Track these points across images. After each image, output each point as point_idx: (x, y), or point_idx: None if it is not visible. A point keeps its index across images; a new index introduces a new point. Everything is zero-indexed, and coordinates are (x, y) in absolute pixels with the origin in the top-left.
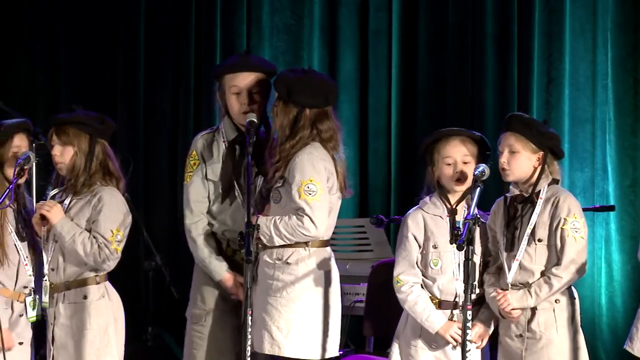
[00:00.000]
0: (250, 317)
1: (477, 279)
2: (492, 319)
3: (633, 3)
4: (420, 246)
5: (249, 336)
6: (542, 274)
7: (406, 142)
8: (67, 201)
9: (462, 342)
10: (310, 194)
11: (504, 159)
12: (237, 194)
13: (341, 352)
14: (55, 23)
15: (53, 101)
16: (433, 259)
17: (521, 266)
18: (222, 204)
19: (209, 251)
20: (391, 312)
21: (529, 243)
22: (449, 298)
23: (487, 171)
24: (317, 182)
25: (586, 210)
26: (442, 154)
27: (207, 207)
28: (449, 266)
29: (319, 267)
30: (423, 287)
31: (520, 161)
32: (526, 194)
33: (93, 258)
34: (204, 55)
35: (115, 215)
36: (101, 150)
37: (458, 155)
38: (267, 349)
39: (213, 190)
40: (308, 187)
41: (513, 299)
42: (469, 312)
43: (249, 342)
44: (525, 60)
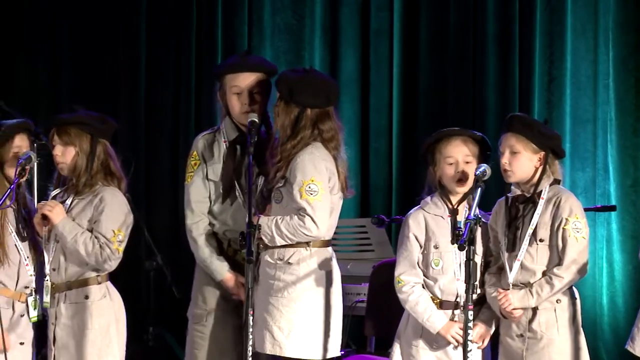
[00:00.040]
0: (251, 317)
1: (478, 279)
2: (493, 319)
3: (634, 2)
4: (421, 246)
5: (251, 336)
6: (544, 274)
7: (407, 142)
8: (69, 201)
9: (464, 343)
10: (311, 194)
11: (506, 160)
12: (238, 194)
13: (342, 352)
14: (55, 23)
15: (54, 101)
16: (434, 259)
17: (522, 266)
18: (223, 204)
19: (210, 251)
20: (392, 312)
21: (531, 243)
22: (450, 298)
23: (489, 171)
24: (319, 182)
25: (587, 210)
26: (444, 154)
27: (208, 207)
28: (450, 266)
29: (321, 267)
30: (424, 287)
31: (521, 162)
32: (528, 194)
33: (94, 258)
34: (205, 55)
35: (116, 215)
36: (102, 150)
37: (460, 155)
38: (269, 349)
39: (214, 190)
40: (309, 187)
41: (514, 299)
42: (470, 312)
43: (251, 342)
44: (526, 59)
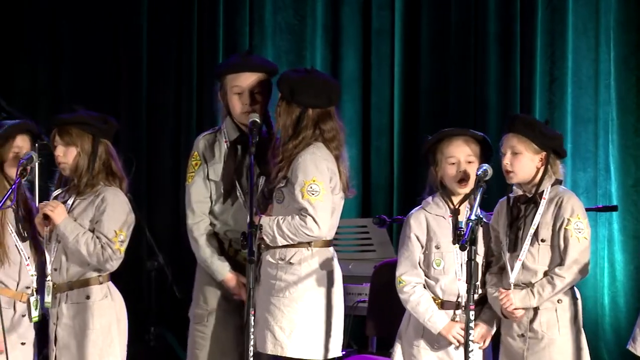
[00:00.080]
0: (253, 317)
1: (480, 279)
2: (495, 319)
3: (636, 2)
4: (422, 246)
5: (252, 336)
6: (545, 274)
7: (409, 142)
8: (71, 201)
9: (465, 343)
10: (313, 194)
11: (507, 161)
12: (239, 194)
13: (344, 352)
14: (55, 23)
15: (54, 101)
16: (435, 259)
17: (524, 266)
18: (224, 204)
19: (211, 251)
20: (394, 312)
21: (532, 243)
22: (452, 298)
23: (490, 171)
24: (320, 182)
25: (589, 210)
26: (446, 154)
27: (209, 208)
28: (452, 266)
29: (322, 267)
30: (425, 288)
31: (523, 162)
32: (529, 195)
33: (96, 258)
34: (207, 54)
35: (118, 215)
36: (104, 150)
37: (461, 155)
38: (270, 349)
39: (215, 190)
40: (311, 187)
41: (516, 299)
42: (472, 313)
43: (252, 342)
44: (527, 59)
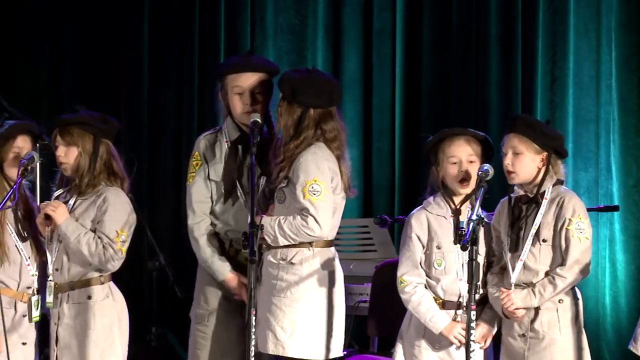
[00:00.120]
0: (254, 317)
1: (481, 280)
2: (496, 319)
3: (637, 3)
4: (424, 246)
5: (253, 336)
6: (546, 274)
7: (410, 142)
8: (72, 201)
9: (466, 343)
10: (314, 194)
11: (508, 161)
12: (240, 194)
13: (345, 352)
14: (56, 23)
15: (55, 101)
16: (437, 260)
17: (525, 266)
18: (225, 204)
19: (212, 251)
20: (395, 312)
21: (534, 243)
22: (453, 298)
23: (491, 171)
24: (322, 182)
25: (590, 210)
26: (447, 154)
27: (210, 208)
28: (453, 266)
29: (323, 267)
30: (427, 288)
31: (524, 162)
32: (531, 195)
33: (98, 258)
34: (208, 55)
35: (120, 215)
36: (105, 150)
37: (463, 154)
38: (271, 349)
39: (215, 190)
40: (312, 187)
41: (517, 299)
42: (473, 313)
43: (253, 342)
44: (529, 60)
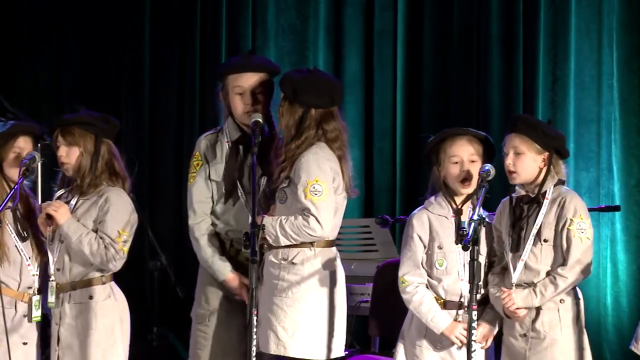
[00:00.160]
0: (255, 317)
1: (482, 279)
2: (497, 319)
3: (638, 3)
4: (425, 246)
5: (255, 336)
6: (548, 274)
7: (411, 143)
8: (74, 202)
9: (467, 343)
10: (316, 194)
11: (510, 161)
12: (241, 194)
13: (346, 352)
14: (56, 23)
15: (56, 102)
16: (438, 260)
17: (526, 266)
18: (226, 204)
19: (212, 251)
20: (396, 312)
21: (535, 243)
22: (454, 298)
23: (493, 171)
24: (323, 183)
25: (592, 210)
26: (449, 153)
27: (211, 208)
28: (454, 266)
29: (325, 267)
30: (428, 288)
31: (525, 163)
32: (532, 195)
33: (99, 258)
34: (209, 55)
35: (121, 215)
36: (107, 150)
37: (465, 154)
38: (273, 349)
39: (216, 190)
40: (314, 188)
41: (518, 298)
42: (474, 313)
43: (255, 342)
44: (530, 60)
